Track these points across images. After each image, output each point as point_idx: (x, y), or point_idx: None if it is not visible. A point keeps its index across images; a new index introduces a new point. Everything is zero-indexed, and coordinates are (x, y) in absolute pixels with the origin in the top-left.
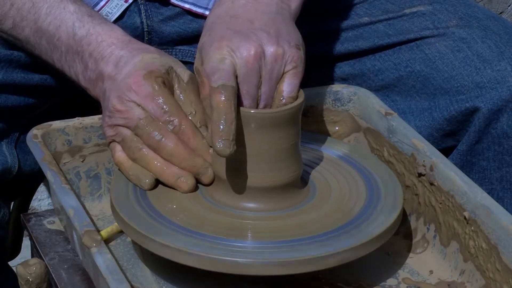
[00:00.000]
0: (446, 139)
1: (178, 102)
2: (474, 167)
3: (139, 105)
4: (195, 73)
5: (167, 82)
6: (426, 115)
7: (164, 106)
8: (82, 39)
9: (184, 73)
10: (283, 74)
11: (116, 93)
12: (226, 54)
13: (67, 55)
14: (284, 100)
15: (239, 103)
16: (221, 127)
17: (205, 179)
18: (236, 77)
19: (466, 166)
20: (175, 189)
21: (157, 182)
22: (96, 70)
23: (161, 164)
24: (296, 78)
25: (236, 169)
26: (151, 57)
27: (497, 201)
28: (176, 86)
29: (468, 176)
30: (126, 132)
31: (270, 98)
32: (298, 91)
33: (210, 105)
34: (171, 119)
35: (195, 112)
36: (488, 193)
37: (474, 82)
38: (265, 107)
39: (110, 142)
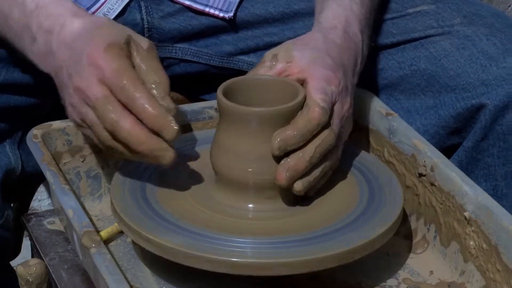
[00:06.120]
0: (452, 137)
1: (139, 71)
2: (479, 164)
3: (99, 81)
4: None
5: (127, 52)
6: (432, 113)
7: (125, 82)
8: (32, 12)
9: (142, 40)
10: None
11: (74, 69)
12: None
13: (17, 30)
14: None
15: None
16: None
17: (165, 161)
18: None
19: (471, 163)
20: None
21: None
22: (46, 44)
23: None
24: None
25: (238, 166)
26: (107, 29)
27: (501, 198)
28: (135, 54)
29: (473, 172)
30: (92, 116)
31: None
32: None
33: None
34: (131, 93)
35: (159, 82)
36: (493, 190)
37: (480, 80)
38: None
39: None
